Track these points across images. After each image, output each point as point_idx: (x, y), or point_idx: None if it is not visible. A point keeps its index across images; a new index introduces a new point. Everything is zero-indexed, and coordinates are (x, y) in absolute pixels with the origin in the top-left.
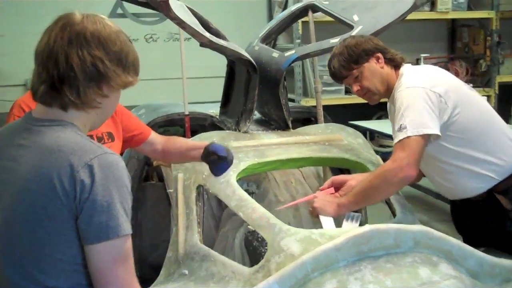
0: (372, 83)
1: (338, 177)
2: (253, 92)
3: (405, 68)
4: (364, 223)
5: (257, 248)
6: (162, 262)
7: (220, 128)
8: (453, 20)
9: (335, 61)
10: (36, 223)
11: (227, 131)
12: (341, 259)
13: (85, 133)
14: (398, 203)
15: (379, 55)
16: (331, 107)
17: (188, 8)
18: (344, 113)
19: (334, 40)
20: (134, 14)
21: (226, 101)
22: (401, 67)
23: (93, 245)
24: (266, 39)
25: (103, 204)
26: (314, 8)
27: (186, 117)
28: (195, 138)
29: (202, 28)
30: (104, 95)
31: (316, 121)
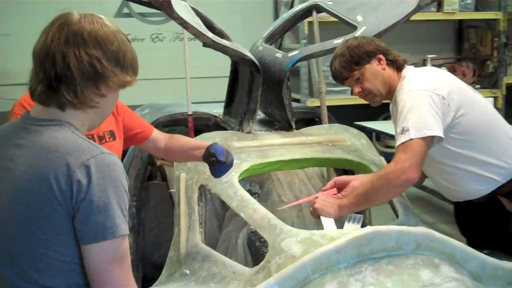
0: (374, 85)
1: (341, 178)
2: (256, 92)
3: (408, 70)
4: (369, 225)
5: (260, 248)
6: (165, 262)
7: (224, 128)
8: (460, 21)
9: (337, 62)
10: (33, 223)
11: (230, 131)
12: (342, 261)
13: (84, 133)
14: (401, 205)
15: (381, 57)
16: (337, 108)
17: (192, 8)
18: (350, 114)
19: (338, 41)
20: (140, 14)
21: (230, 101)
22: (404, 69)
23: (90, 245)
24: (270, 40)
25: (100, 205)
26: (318, 9)
27: (190, 117)
28: (198, 138)
29: (205, 28)
30: (102, 95)
31: (321, 122)
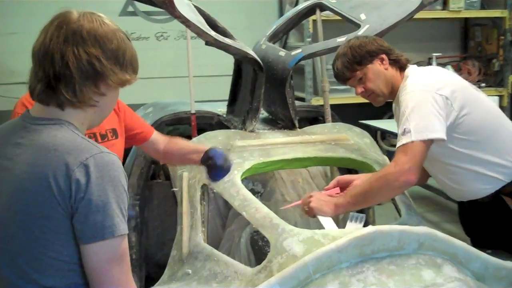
0: (376, 85)
1: (344, 177)
2: (259, 91)
3: (411, 70)
4: (372, 224)
5: (263, 248)
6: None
7: (227, 127)
8: (466, 19)
9: (339, 63)
10: (32, 222)
11: (233, 130)
12: (344, 261)
13: (83, 132)
14: (404, 204)
15: (384, 57)
16: (342, 106)
17: (195, 7)
18: (355, 112)
19: (341, 39)
20: (145, 12)
21: (233, 100)
22: (406, 69)
23: (89, 245)
24: (273, 38)
25: (99, 204)
26: (322, 7)
27: (193, 116)
28: (201, 137)
29: (208, 27)
30: (101, 93)
31: (324, 121)
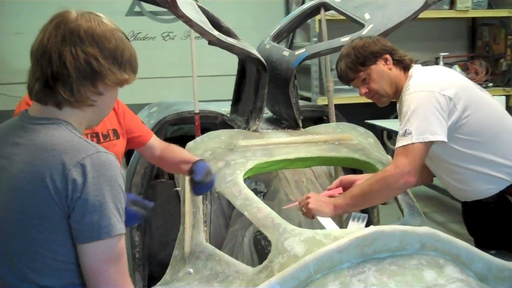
0: (380, 85)
1: (347, 177)
2: (263, 91)
3: (415, 70)
4: (377, 223)
5: (266, 248)
6: None
7: (231, 127)
8: (473, 19)
9: (342, 63)
10: (28, 222)
11: (236, 130)
12: (345, 261)
13: (82, 132)
14: (406, 204)
15: (387, 57)
16: (347, 106)
17: (199, 7)
18: (361, 112)
19: (345, 39)
20: (152, 12)
21: (237, 100)
22: (411, 69)
23: (85, 245)
24: (278, 38)
25: (95, 204)
26: (326, 6)
27: (196, 115)
28: (204, 137)
29: (211, 27)
30: (99, 93)
31: (328, 120)
